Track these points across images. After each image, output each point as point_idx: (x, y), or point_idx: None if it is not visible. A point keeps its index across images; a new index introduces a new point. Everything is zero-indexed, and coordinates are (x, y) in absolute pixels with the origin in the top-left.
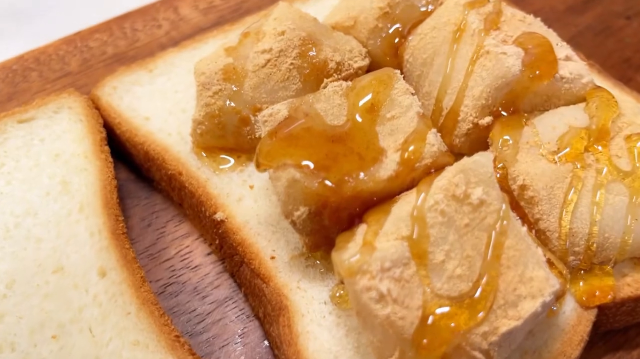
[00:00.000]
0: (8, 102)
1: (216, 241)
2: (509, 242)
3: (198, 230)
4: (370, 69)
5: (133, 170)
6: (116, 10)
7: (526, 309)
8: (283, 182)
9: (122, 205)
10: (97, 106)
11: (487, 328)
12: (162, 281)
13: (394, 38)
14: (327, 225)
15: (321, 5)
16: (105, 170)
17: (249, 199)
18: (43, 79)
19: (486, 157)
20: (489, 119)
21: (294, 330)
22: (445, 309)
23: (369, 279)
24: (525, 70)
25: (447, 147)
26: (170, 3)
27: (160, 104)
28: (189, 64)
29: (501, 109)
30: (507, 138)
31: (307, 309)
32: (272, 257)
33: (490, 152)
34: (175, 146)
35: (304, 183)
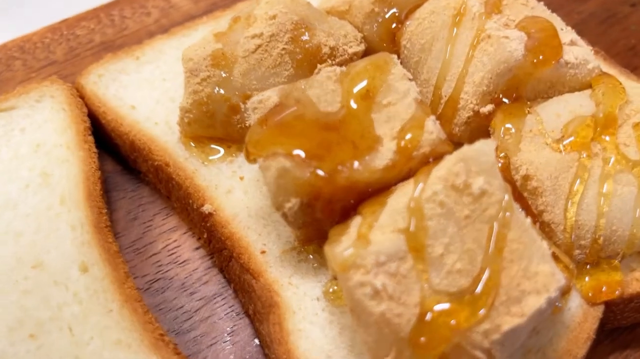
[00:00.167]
0: None
1: (204, 235)
2: (512, 234)
3: (186, 224)
4: (366, 55)
5: (119, 162)
6: None
7: (530, 305)
8: (273, 172)
9: (108, 198)
10: (82, 95)
11: (489, 326)
12: (148, 277)
13: (391, 23)
14: (320, 217)
15: None
16: (89, 161)
17: (238, 191)
18: (27, 68)
19: (488, 145)
20: (490, 107)
21: (285, 328)
22: (444, 305)
23: (363, 274)
24: (529, 55)
25: (447, 136)
26: None
27: (147, 93)
28: (178, 51)
29: (503, 96)
30: (510, 126)
31: (299, 306)
32: (263, 252)
33: (492, 140)
34: (162, 136)
35: (295, 173)
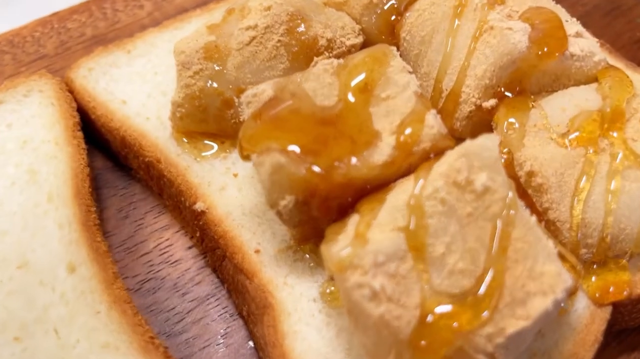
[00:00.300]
0: None
1: (197, 234)
2: (516, 233)
3: (179, 222)
4: (364, 47)
5: (110, 158)
6: None
7: (536, 307)
8: (267, 168)
9: (98, 195)
10: (71, 89)
11: (492, 329)
12: (139, 277)
13: (390, 14)
14: (316, 215)
15: None
16: (77, 157)
17: (232, 188)
18: (17, 62)
19: (491, 139)
20: (492, 101)
21: (280, 330)
22: (445, 307)
23: (361, 275)
24: (533, 47)
25: (448, 131)
26: None
27: (138, 87)
28: (170, 44)
29: (506, 89)
30: (513, 121)
31: (295, 307)
32: (257, 251)
33: (495, 135)
34: (154, 131)
35: (290, 169)
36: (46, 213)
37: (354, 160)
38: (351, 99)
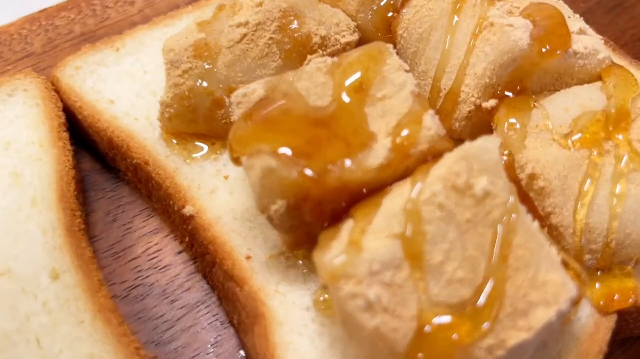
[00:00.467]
0: None
1: (186, 239)
2: (518, 240)
3: (168, 226)
4: (360, 45)
5: (98, 160)
6: None
7: (539, 319)
8: (257, 172)
9: (85, 198)
10: (57, 89)
11: (493, 341)
12: (127, 284)
13: (387, 11)
14: (309, 221)
15: None
16: (63, 160)
17: (223, 191)
18: (3, 60)
19: (492, 141)
20: (493, 102)
21: (271, 341)
22: (444, 319)
23: (356, 285)
24: (535, 44)
25: (446, 132)
26: None
27: (127, 87)
28: (161, 42)
29: (507, 89)
30: (514, 122)
31: (287, 316)
32: (248, 258)
33: (496, 137)
34: (142, 133)
35: (281, 173)
36: (29, 218)
37: (348, 163)
38: (346, 99)
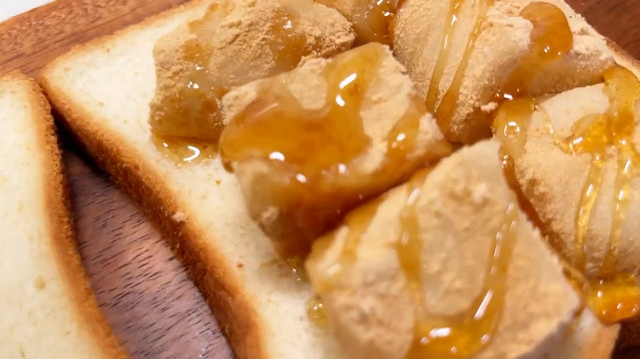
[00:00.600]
0: None
1: (177, 245)
2: (518, 249)
3: (159, 231)
4: (356, 46)
5: (88, 163)
6: None
7: (539, 331)
8: (248, 178)
9: (75, 203)
10: (46, 90)
11: (492, 354)
12: (117, 291)
13: (383, 10)
14: (302, 227)
15: None
16: (50, 164)
17: (214, 196)
18: None
19: (491, 146)
20: (492, 105)
21: (263, 352)
22: (441, 331)
23: (349, 296)
24: (535, 45)
25: (444, 136)
26: None
27: (117, 88)
28: (152, 42)
29: (506, 91)
30: (514, 125)
31: (279, 326)
32: (240, 265)
33: (495, 141)
34: (132, 135)
35: (273, 179)
36: (16, 224)
37: (342, 168)
38: (340, 102)
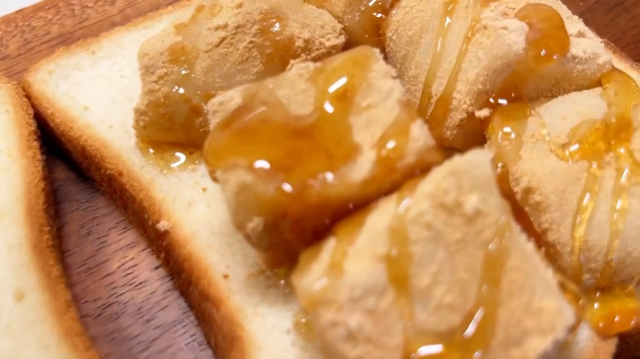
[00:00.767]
0: None
1: (162, 255)
2: (511, 262)
3: (145, 239)
4: (347, 49)
5: (73, 169)
6: None
7: (533, 348)
8: (232, 187)
9: (59, 210)
10: (29, 94)
11: None
12: (101, 301)
13: (375, 12)
14: (289, 238)
15: None
16: (32, 170)
17: (200, 204)
18: None
19: (483, 155)
20: (486, 111)
21: None
22: (431, 348)
23: (336, 312)
24: (530, 48)
25: (436, 142)
26: None
27: (102, 92)
28: (139, 45)
29: (500, 95)
30: (509, 130)
31: (266, 340)
32: (225, 276)
33: (489, 148)
34: (117, 141)
35: (258, 189)
36: None
37: (330, 177)
38: (328, 107)
